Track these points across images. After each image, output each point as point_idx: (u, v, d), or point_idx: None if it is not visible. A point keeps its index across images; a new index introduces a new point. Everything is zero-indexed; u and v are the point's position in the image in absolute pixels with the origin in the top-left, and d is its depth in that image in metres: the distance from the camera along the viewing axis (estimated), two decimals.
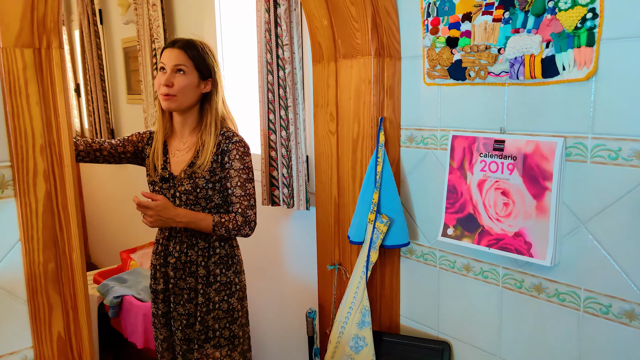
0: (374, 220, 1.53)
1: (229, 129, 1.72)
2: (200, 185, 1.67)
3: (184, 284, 1.73)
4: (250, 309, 2.55)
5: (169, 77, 1.63)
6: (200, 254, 1.72)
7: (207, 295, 1.72)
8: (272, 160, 1.93)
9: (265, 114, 1.91)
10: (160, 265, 1.77)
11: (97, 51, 3.37)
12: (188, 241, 1.72)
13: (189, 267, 1.73)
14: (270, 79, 1.87)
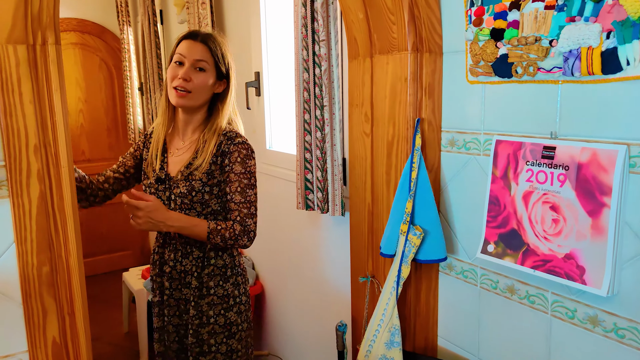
0: (407, 232, 1.39)
1: (232, 129, 1.60)
2: (197, 188, 1.54)
3: (178, 294, 1.62)
4: (279, 317, 2.48)
5: (188, 71, 1.52)
6: (194, 263, 1.60)
7: (200, 308, 1.60)
8: (307, 162, 1.84)
9: (301, 114, 1.82)
10: (156, 275, 1.66)
11: (157, 51, 3.45)
12: (182, 249, 1.60)
13: (184, 277, 1.61)
14: (306, 77, 1.78)
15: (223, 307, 1.61)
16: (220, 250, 1.62)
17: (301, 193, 1.88)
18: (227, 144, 1.56)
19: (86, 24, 4.17)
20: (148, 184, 1.62)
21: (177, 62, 1.55)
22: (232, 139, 1.57)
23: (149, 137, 1.68)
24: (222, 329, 1.62)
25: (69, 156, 0.98)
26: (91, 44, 4.22)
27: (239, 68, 2.61)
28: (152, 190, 1.61)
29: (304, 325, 2.34)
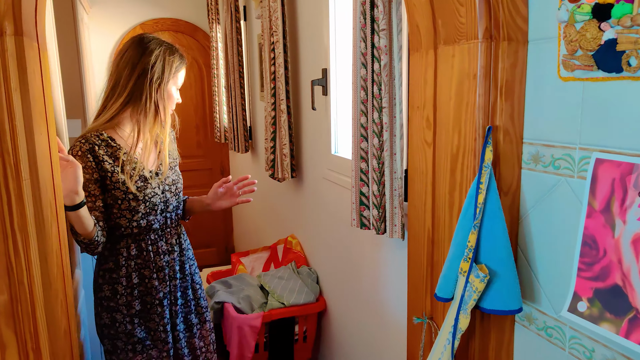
0: (468, 272, 1.08)
1: None
2: (179, 172, 1.82)
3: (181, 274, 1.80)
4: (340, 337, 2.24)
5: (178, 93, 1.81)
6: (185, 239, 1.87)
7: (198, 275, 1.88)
8: (363, 173, 1.58)
9: (357, 116, 1.57)
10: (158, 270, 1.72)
11: (238, 48, 3.37)
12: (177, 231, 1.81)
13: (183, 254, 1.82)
14: (364, 73, 1.52)
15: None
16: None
17: (356, 208, 1.62)
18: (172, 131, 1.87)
19: (179, 24, 4.25)
20: (138, 188, 1.63)
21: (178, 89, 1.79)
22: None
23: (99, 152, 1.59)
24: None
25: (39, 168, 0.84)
26: (184, 43, 4.29)
27: (307, 64, 2.40)
28: (148, 191, 1.66)
29: (363, 349, 2.08)
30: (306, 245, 2.60)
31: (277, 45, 2.40)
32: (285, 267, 2.53)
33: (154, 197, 1.67)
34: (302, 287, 2.37)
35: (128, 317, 1.65)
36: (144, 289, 1.68)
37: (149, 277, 1.68)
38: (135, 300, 1.66)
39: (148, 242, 1.68)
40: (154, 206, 1.67)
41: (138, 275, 1.67)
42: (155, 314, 1.70)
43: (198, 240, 4.56)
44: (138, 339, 1.67)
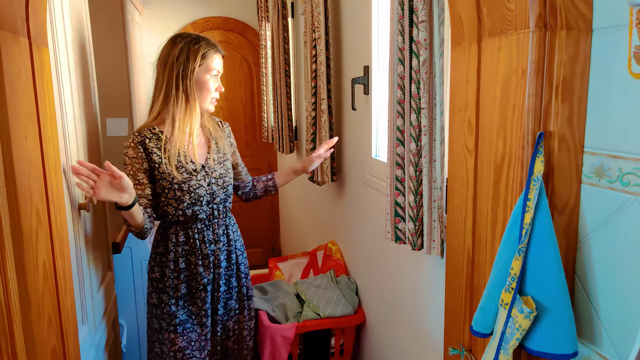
0: (510, 305, 0.92)
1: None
2: (228, 167, 1.87)
3: (227, 262, 1.87)
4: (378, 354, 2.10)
5: (218, 82, 1.81)
6: (234, 231, 1.92)
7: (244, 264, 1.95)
8: (399, 181, 1.42)
9: (393, 118, 1.41)
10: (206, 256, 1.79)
11: (284, 45, 3.28)
12: (225, 223, 1.87)
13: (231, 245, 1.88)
14: (401, 70, 1.36)
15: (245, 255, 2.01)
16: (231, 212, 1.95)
17: (390, 220, 1.47)
18: (227, 127, 1.96)
19: (229, 22, 4.23)
20: (183, 180, 1.72)
21: (216, 75, 1.80)
22: (224, 123, 1.97)
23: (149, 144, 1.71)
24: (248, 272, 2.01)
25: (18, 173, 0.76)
26: (234, 42, 4.27)
27: (349, 61, 2.27)
28: (193, 182, 1.74)
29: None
30: (346, 252, 2.47)
31: (319, 42, 2.28)
32: (323, 275, 2.41)
33: (199, 189, 1.75)
34: (340, 297, 2.24)
35: (174, 299, 1.76)
36: (190, 274, 1.78)
37: (195, 263, 1.78)
38: (181, 284, 1.77)
39: (195, 231, 1.78)
40: (199, 197, 1.75)
41: (185, 260, 1.77)
42: (199, 299, 1.79)
43: (244, 241, 4.53)
44: (180, 321, 1.77)
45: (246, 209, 4.46)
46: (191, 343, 1.80)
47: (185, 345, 1.78)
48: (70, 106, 1.40)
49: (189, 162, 1.73)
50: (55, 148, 0.95)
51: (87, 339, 1.46)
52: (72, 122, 1.41)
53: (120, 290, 2.58)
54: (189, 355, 1.80)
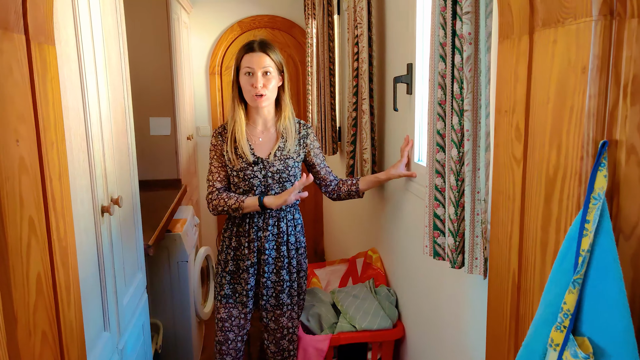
0: (562, 347, 0.77)
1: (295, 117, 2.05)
2: (290, 165, 1.97)
3: (277, 254, 1.98)
4: None
5: (260, 78, 1.88)
6: (289, 225, 2.01)
7: (297, 260, 2.03)
8: (438, 191, 1.28)
9: (433, 121, 1.28)
10: (250, 241, 1.97)
11: (329, 43, 3.18)
12: (277, 215, 1.98)
13: (281, 237, 1.98)
14: (442, 68, 1.23)
15: (305, 255, 2.09)
16: (299, 211, 2.09)
17: (429, 233, 1.33)
18: (305, 129, 2.06)
19: (276, 20, 4.18)
20: (240, 168, 1.94)
21: (247, 73, 1.89)
22: (304, 124, 2.07)
23: (223, 135, 2.00)
24: (305, 274, 2.08)
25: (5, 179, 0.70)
26: (280, 40, 4.21)
27: (393, 59, 2.13)
28: (249, 172, 1.94)
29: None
30: (387, 261, 2.34)
31: (361, 39, 2.16)
32: (361, 284, 2.29)
33: (253, 179, 1.94)
34: (378, 309, 2.11)
35: (224, 272, 2.01)
36: (238, 254, 1.99)
37: (243, 245, 1.98)
38: (230, 261, 2.00)
39: (247, 215, 1.96)
40: (252, 186, 1.94)
41: (236, 240, 1.99)
42: (243, 279, 1.98)
43: None
44: (225, 294, 2.01)
45: None
46: (231, 318, 2.00)
47: (226, 318, 2.01)
48: (96, 107, 1.36)
49: (249, 154, 1.93)
50: (61, 152, 0.90)
51: (109, 345, 1.42)
52: (97, 123, 1.37)
53: (157, 290, 2.57)
54: (228, 328, 2.01)
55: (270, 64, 1.89)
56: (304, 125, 2.05)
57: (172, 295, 2.58)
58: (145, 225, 2.27)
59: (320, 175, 2.09)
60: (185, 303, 2.60)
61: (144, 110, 3.09)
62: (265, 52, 1.89)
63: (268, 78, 1.88)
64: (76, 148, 1.21)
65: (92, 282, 1.29)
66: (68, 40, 1.19)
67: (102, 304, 1.39)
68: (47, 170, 0.84)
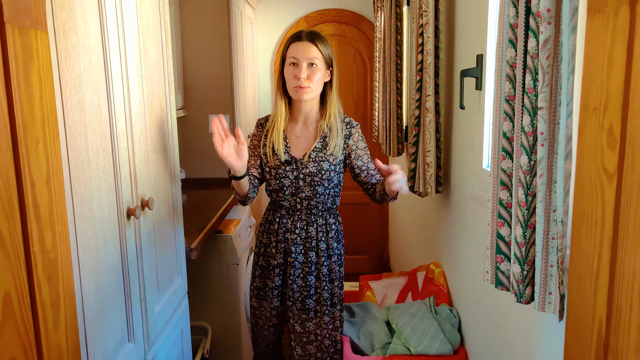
0: None
1: (345, 115, 1.92)
2: (325, 168, 1.85)
3: (304, 258, 1.91)
4: None
5: (305, 70, 1.77)
6: (319, 230, 1.90)
7: (329, 268, 1.92)
8: (503, 206, 1.05)
9: (499, 120, 1.04)
10: (278, 242, 1.93)
11: (397, 36, 2.95)
12: (307, 219, 1.90)
13: (310, 242, 1.90)
14: (511, 55, 0.99)
15: (339, 263, 1.97)
16: (335, 217, 1.96)
17: (491, 257, 1.10)
18: (347, 128, 1.90)
19: (344, 14, 4.00)
20: (273, 166, 1.88)
21: (292, 63, 1.79)
22: (350, 123, 1.91)
23: (263, 127, 1.95)
24: (339, 282, 1.97)
25: None
26: (347, 35, 4.03)
27: (460, 50, 1.89)
28: (280, 171, 1.88)
29: None
30: (451, 278, 2.09)
31: (426, 29, 1.94)
32: (420, 302, 2.07)
33: (284, 179, 1.88)
34: (437, 332, 1.88)
35: (257, 266, 2.01)
36: (268, 251, 1.97)
37: (272, 243, 1.95)
38: (261, 256, 1.99)
39: (277, 214, 1.94)
40: (283, 186, 1.89)
41: (267, 237, 1.97)
42: (270, 277, 1.97)
43: (351, 247, 4.29)
44: (256, 287, 2.02)
45: (356, 212, 4.23)
46: (261, 308, 2.02)
47: (256, 306, 2.03)
48: (122, 102, 1.27)
49: (282, 153, 1.86)
50: (52, 152, 0.79)
51: (133, 356, 1.33)
52: (124, 120, 1.28)
53: (206, 293, 2.50)
54: (257, 315, 2.04)
55: (317, 55, 1.77)
56: (348, 123, 1.90)
57: (221, 298, 2.50)
58: (193, 226, 2.19)
59: (361, 179, 1.91)
60: (235, 306, 2.51)
61: (204, 107, 3.04)
62: (313, 42, 1.78)
63: (313, 70, 1.77)
64: (94, 147, 1.12)
65: (111, 292, 1.20)
66: (88, 30, 1.10)
67: (125, 315, 1.30)
68: (27, 173, 0.73)
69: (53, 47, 0.96)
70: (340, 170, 1.89)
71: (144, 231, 1.41)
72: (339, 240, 1.95)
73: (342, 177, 1.92)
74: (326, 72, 1.83)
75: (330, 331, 1.93)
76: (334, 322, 1.93)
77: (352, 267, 4.27)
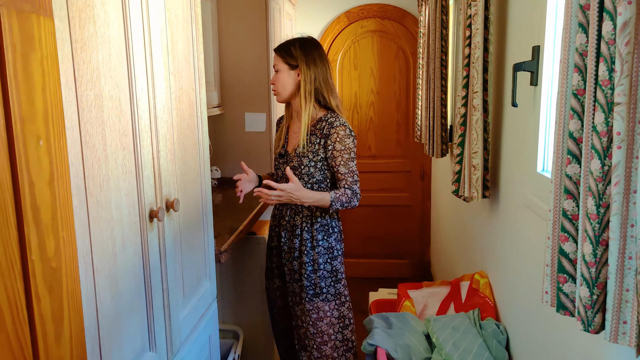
0: None
1: (333, 114, 2.01)
2: (304, 163, 1.99)
3: (290, 243, 2.07)
4: None
5: (273, 76, 2.08)
6: (303, 220, 2.04)
7: (311, 257, 2.03)
8: (568, 219, 0.90)
9: (564, 118, 0.90)
10: (275, 225, 2.15)
11: (442, 30, 2.79)
12: (295, 208, 2.05)
13: (294, 230, 2.05)
14: (581, 41, 0.84)
15: (329, 257, 2.06)
16: (324, 211, 2.03)
17: (551, 276, 0.95)
18: (328, 128, 1.98)
19: (387, 9, 3.86)
20: (275, 158, 2.16)
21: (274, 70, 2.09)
22: (332, 123, 1.98)
23: (278, 125, 2.25)
24: (330, 274, 2.06)
25: None
26: (390, 30, 3.89)
27: (513, 42, 1.73)
28: (277, 163, 2.13)
29: None
30: (498, 290, 1.93)
31: (475, 19, 1.78)
32: (464, 314, 1.91)
33: (278, 170, 2.12)
34: (483, 348, 1.73)
35: (268, 248, 2.22)
36: (273, 234, 2.18)
37: (272, 226, 2.18)
38: (269, 237, 2.21)
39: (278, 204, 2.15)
40: (278, 177, 2.13)
41: (272, 220, 2.20)
42: (271, 256, 2.19)
43: (390, 251, 4.15)
44: (267, 267, 2.23)
45: (394, 215, 4.09)
46: (269, 287, 2.23)
47: (267, 287, 2.25)
48: (146, 98, 1.20)
49: (282, 147, 2.12)
50: (57, 150, 0.72)
51: None
52: (147, 117, 1.21)
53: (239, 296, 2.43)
54: (267, 294, 2.27)
55: (277, 61, 2.03)
56: (329, 124, 1.98)
57: (253, 301, 2.43)
58: (224, 228, 2.12)
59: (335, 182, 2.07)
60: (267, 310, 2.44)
61: (240, 104, 2.98)
62: (276, 52, 2.06)
63: (277, 75, 2.05)
64: (112, 145, 1.05)
65: (130, 299, 1.13)
66: (108, 20, 1.03)
67: (147, 322, 1.23)
68: (25, 172, 0.66)
69: (67, 37, 0.89)
70: (325, 168, 2.00)
71: (168, 234, 1.34)
72: (327, 234, 2.04)
73: (328, 174, 2.03)
74: (292, 72, 2.02)
75: (315, 321, 2.05)
76: (318, 312, 2.05)
77: (390, 272, 4.13)
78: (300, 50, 2.01)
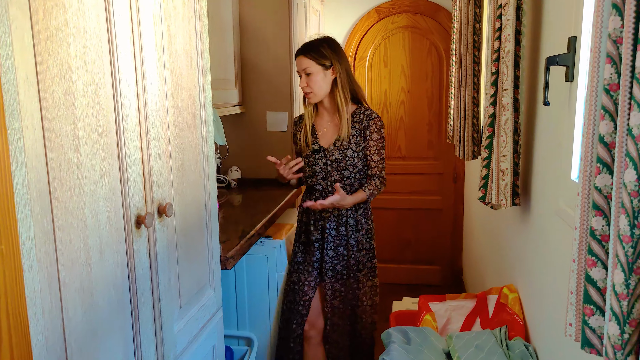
0: None
1: (367, 107, 2.26)
2: (348, 155, 2.18)
3: (336, 232, 2.24)
4: None
5: (303, 79, 2.17)
6: (348, 209, 2.23)
7: (356, 239, 2.26)
8: (596, 239, 0.75)
9: (593, 120, 0.75)
10: (315, 220, 2.26)
11: (475, 24, 2.60)
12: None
13: (341, 218, 2.23)
14: (615, 25, 0.69)
15: (369, 236, 2.31)
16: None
17: (576, 306, 0.80)
18: (367, 120, 2.21)
19: (419, 4, 3.68)
20: (306, 155, 2.24)
21: (299, 76, 2.19)
22: (369, 115, 2.22)
23: (298, 124, 2.34)
24: (368, 252, 2.32)
25: None
26: (422, 26, 3.71)
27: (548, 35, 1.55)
28: (311, 159, 2.23)
29: None
30: (528, 306, 1.76)
31: (505, 9, 1.62)
32: (489, 332, 1.75)
33: (315, 166, 2.23)
34: None
35: (298, 243, 2.32)
36: (307, 228, 2.29)
37: (310, 222, 2.27)
38: (302, 234, 2.31)
39: (313, 197, 2.26)
40: (314, 172, 2.24)
41: (306, 217, 2.29)
42: (310, 251, 2.27)
43: (419, 256, 3.98)
44: (297, 261, 2.30)
45: (424, 219, 3.91)
46: (300, 282, 2.27)
47: (296, 281, 2.28)
48: (133, 96, 1.11)
49: (313, 143, 2.23)
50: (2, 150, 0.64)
51: None
52: (136, 115, 1.12)
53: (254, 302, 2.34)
54: (296, 291, 2.28)
55: (308, 63, 2.12)
56: (367, 116, 2.20)
57: (268, 307, 2.33)
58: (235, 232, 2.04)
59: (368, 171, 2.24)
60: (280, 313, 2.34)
61: (262, 103, 2.90)
62: (303, 54, 2.14)
63: (310, 77, 2.13)
64: (88, 145, 0.97)
65: (109, 314, 1.05)
66: (82, 10, 0.95)
67: (133, 337, 1.15)
68: None
69: (27, 26, 0.81)
70: (364, 157, 2.21)
71: (161, 240, 1.25)
72: (367, 217, 2.28)
73: (365, 163, 2.23)
74: (327, 72, 2.15)
75: (355, 290, 2.30)
76: (358, 284, 2.30)
77: (420, 278, 3.97)
78: (330, 50, 2.15)
